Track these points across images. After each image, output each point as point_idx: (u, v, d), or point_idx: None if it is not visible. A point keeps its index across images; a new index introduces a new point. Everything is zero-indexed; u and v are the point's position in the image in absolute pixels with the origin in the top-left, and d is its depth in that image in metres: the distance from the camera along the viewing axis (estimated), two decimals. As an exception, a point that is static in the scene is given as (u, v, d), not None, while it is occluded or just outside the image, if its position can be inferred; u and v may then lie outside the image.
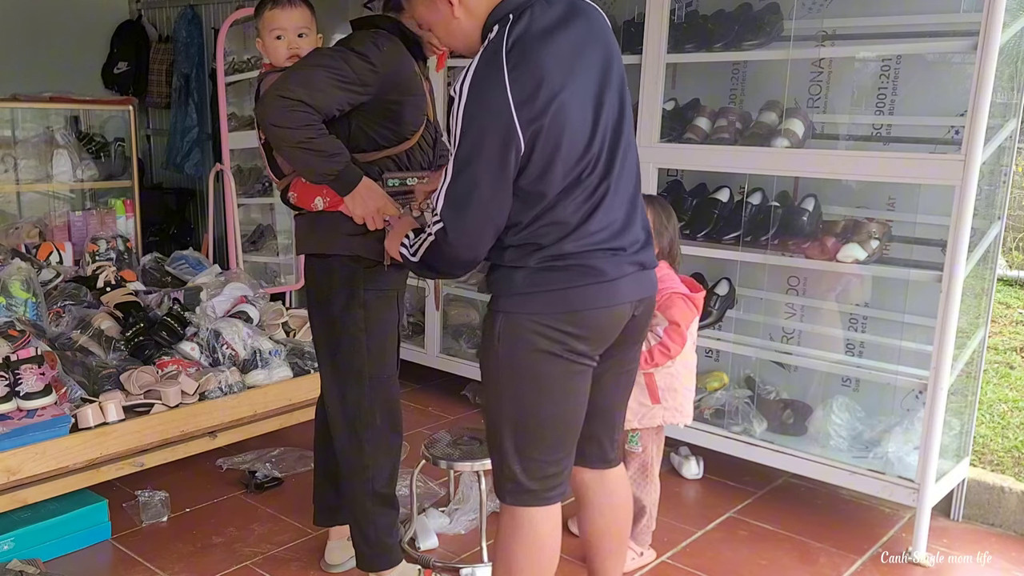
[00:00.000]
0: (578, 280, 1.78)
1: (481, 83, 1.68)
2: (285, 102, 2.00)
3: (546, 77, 1.68)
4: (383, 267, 2.19)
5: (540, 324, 1.79)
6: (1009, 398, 3.82)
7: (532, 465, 1.88)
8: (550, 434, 1.88)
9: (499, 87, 1.66)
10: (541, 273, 1.78)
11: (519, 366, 1.83)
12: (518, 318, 1.80)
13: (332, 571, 2.61)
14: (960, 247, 2.58)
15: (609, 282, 1.80)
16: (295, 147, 2.04)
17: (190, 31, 5.75)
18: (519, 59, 1.68)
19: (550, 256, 1.78)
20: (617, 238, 1.81)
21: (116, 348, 3.08)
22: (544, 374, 1.83)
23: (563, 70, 1.71)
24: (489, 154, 1.68)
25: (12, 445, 2.52)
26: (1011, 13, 2.61)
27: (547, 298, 1.79)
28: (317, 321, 2.35)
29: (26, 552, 2.57)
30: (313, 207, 2.22)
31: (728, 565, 2.69)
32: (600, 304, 1.81)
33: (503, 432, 1.88)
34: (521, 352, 1.81)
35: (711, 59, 3.24)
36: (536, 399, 1.84)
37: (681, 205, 3.35)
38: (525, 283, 1.79)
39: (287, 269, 4.73)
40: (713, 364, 3.52)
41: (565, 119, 1.70)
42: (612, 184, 1.80)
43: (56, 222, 4.29)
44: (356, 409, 2.30)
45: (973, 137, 2.51)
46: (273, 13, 2.24)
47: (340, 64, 2.06)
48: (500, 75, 1.66)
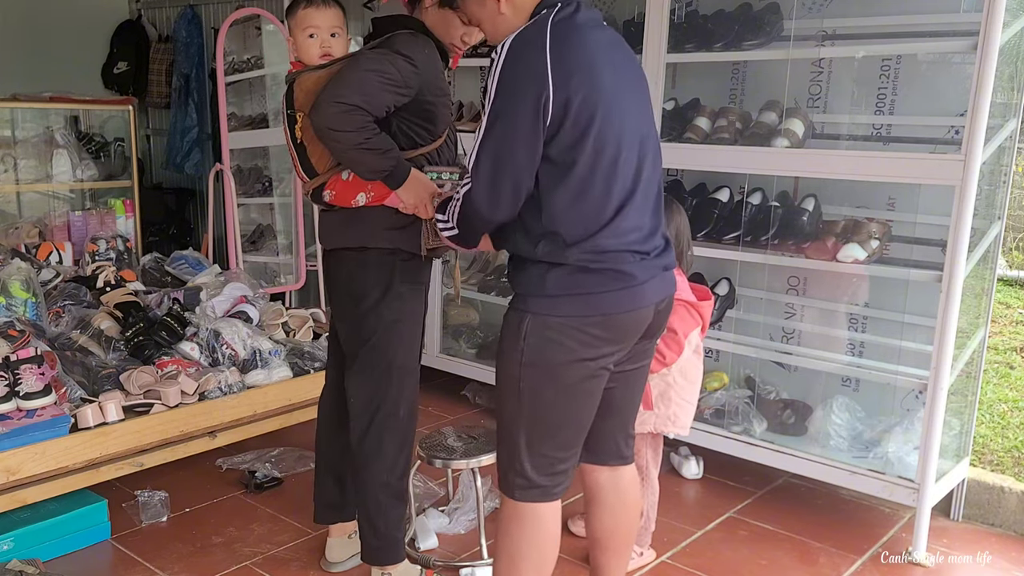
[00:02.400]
0: (611, 284, 1.82)
1: (523, 46, 1.75)
2: (342, 107, 2.06)
3: (585, 56, 1.77)
4: (417, 260, 2.28)
5: (570, 327, 1.82)
6: (1009, 398, 3.82)
7: (543, 462, 1.91)
8: (564, 433, 1.92)
9: (539, 51, 1.73)
10: (575, 275, 1.81)
11: (544, 367, 1.85)
12: (547, 320, 1.83)
13: (332, 569, 2.61)
14: (960, 247, 2.58)
15: (638, 286, 1.84)
16: (354, 149, 2.10)
17: (190, 31, 5.75)
18: (563, 33, 1.77)
19: (585, 252, 1.80)
20: (645, 241, 1.86)
21: (116, 348, 3.08)
22: (568, 376, 1.86)
23: (601, 58, 1.80)
24: (522, 112, 1.74)
25: (12, 445, 2.52)
26: (1011, 13, 2.60)
27: (579, 301, 1.82)
28: (348, 314, 2.36)
29: (26, 552, 2.57)
30: (354, 203, 2.25)
31: (728, 565, 2.69)
32: (629, 308, 1.84)
33: (518, 430, 1.91)
34: (548, 354, 1.84)
35: (711, 59, 3.24)
36: (555, 399, 1.87)
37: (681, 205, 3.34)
38: (558, 285, 1.82)
39: (287, 269, 4.73)
40: (713, 364, 3.52)
41: (599, 100, 1.76)
42: (642, 187, 1.85)
43: (56, 222, 4.29)
44: (382, 401, 2.33)
45: (973, 137, 2.51)
46: (307, 12, 2.27)
47: (387, 67, 2.12)
48: (542, 40, 1.74)
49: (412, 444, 2.43)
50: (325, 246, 2.39)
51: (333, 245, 2.35)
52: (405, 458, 2.40)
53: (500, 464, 1.98)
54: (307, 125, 2.21)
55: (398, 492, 2.39)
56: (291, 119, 2.29)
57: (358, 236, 2.28)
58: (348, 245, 2.30)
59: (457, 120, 3.96)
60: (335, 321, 2.47)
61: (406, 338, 2.33)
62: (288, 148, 2.35)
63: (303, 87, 2.23)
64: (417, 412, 2.44)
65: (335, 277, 2.38)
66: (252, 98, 4.90)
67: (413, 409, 2.41)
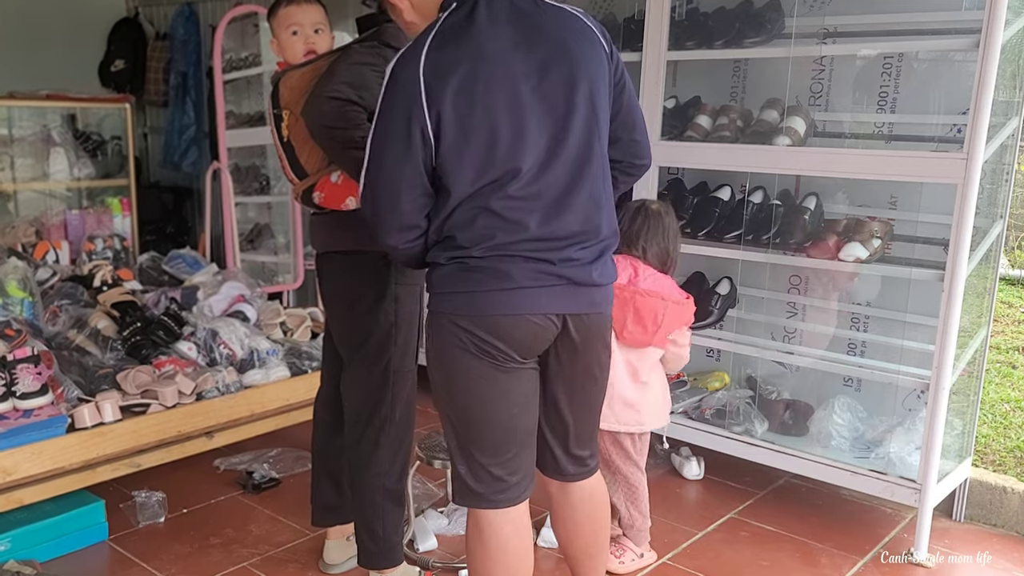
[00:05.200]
0: (487, 283, 1.75)
1: (402, 60, 1.73)
2: (337, 103, 2.03)
3: (464, 62, 1.68)
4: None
5: (456, 325, 1.78)
6: (1011, 398, 3.81)
7: (475, 466, 1.86)
8: (488, 436, 1.84)
9: (414, 63, 1.69)
10: (453, 272, 1.77)
11: (445, 364, 1.83)
12: (439, 316, 1.82)
13: (330, 571, 2.60)
14: (962, 246, 2.57)
15: (517, 289, 1.75)
16: (352, 146, 2.04)
17: (187, 28, 5.72)
18: (442, 41, 1.71)
19: (464, 255, 1.75)
20: (550, 249, 1.75)
21: (113, 347, 3.06)
22: (469, 373, 1.80)
23: (490, 61, 1.70)
24: (396, 129, 1.71)
25: (8, 445, 2.50)
26: (1013, 11, 2.59)
27: (459, 299, 1.78)
28: (342, 317, 2.34)
29: (23, 553, 2.56)
30: (344, 207, 2.21)
31: (729, 566, 2.67)
32: (504, 311, 1.76)
33: (447, 432, 1.90)
34: (445, 350, 1.81)
35: (712, 57, 3.23)
36: (466, 399, 1.83)
37: (682, 203, 3.34)
38: (441, 282, 1.80)
39: (285, 268, 4.72)
40: (714, 364, 3.51)
41: (484, 109, 1.68)
42: (557, 191, 1.75)
43: (52, 221, 4.28)
44: (378, 404, 2.30)
45: (975, 135, 2.50)
46: (289, 10, 2.26)
47: (380, 61, 2.09)
48: (420, 52, 1.70)
49: (409, 447, 2.41)
50: (317, 249, 2.36)
51: (326, 249, 2.33)
52: (402, 461, 2.38)
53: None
54: (294, 123, 2.19)
55: (395, 495, 2.37)
56: (277, 118, 2.25)
57: (351, 240, 2.24)
58: (341, 249, 2.28)
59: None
60: (329, 324, 2.45)
61: (401, 341, 2.30)
62: (276, 149, 2.32)
63: (289, 84, 2.20)
64: (414, 415, 2.42)
65: (329, 280, 2.35)
66: (250, 96, 4.88)
67: (410, 412, 2.38)
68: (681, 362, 2.59)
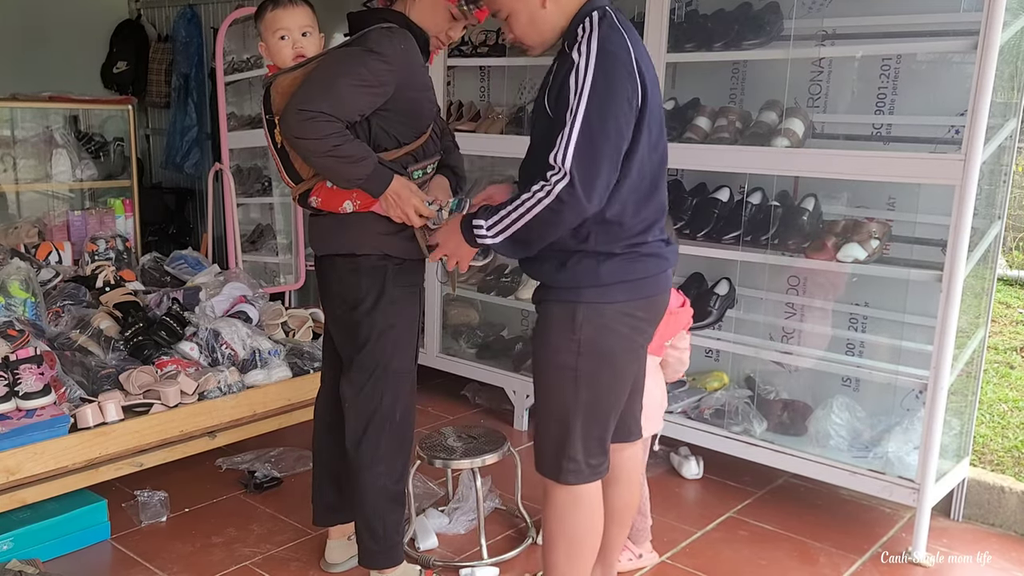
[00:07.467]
0: (653, 268, 1.97)
1: (612, 43, 1.82)
2: (305, 114, 2.02)
3: (644, 53, 1.91)
4: (410, 263, 2.27)
5: (621, 313, 1.94)
6: (1009, 398, 3.81)
7: (594, 444, 2.02)
8: (612, 414, 2.04)
9: (625, 48, 1.83)
10: (625, 263, 1.92)
11: (601, 353, 1.95)
12: (602, 308, 1.92)
13: (332, 570, 2.61)
14: (960, 247, 2.58)
15: (668, 270, 2.03)
16: (323, 157, 2.07)
17: (189, 30, 5.74)
18: (630, 34, 1.88)
19: (638, 241, 1.93)
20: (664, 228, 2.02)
21: (115, 348, 3.08)
22: (622, 359, 1.98)
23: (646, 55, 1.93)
24: (621, 105, 1.80)
25: (11, 445, 2.51)
26: (1011, 12, 2.60)
27: (629, 287, 1.94)
28: (341, 320, 2.34)
29: (25, 552, 2.57)
30: (342, 210, 2.21)
31: (728, 565, 2.68)
32: (664, 289, 2.03)
33: (574, 418, 1.98)
34: (605, 340, 1.94)
35: (711, 58, 3.24)
36: (611, 383, 1.99)
37: (681, 205, 3.35)
38: (609, 273, 1.91)
39: (286, 269, 4.73)
40: (713, 364, 3.52)
41: (653, 97, 1.88)
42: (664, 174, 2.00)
43: (55, 222, 4.28)
44: (378, 405, 2.31)
45: (973, 136, 2.51)
46: (275, 14, 2.24)
47: (359, 68, 2.07)
48: (623, 39, 1.85)
49: (410, 447, 2.42)
50: (316, 252, 2.36)
51: (324, 251, 2.33)
52: (402, 462, 2.38)
53: (547, 453, 2.04)
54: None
55: (396, 496, 2.38)
56: (270, 124, 2.24)
57: (349, 243, 2.25)
58: (339, 252, 2.28)
59: (456, 120, 3.96)
60: (329, 325, 2.45)
61: (401, 342, 2.31)
62: (271, 154, 2.31)
63: (279, 89, 2.17)
64: (414, 415, 2.43)
65: (328, 283, 2.35)
66: (251, 97, 4.89)
67: (409, 413, 2.38)
68: (682, 366, 2.60)
